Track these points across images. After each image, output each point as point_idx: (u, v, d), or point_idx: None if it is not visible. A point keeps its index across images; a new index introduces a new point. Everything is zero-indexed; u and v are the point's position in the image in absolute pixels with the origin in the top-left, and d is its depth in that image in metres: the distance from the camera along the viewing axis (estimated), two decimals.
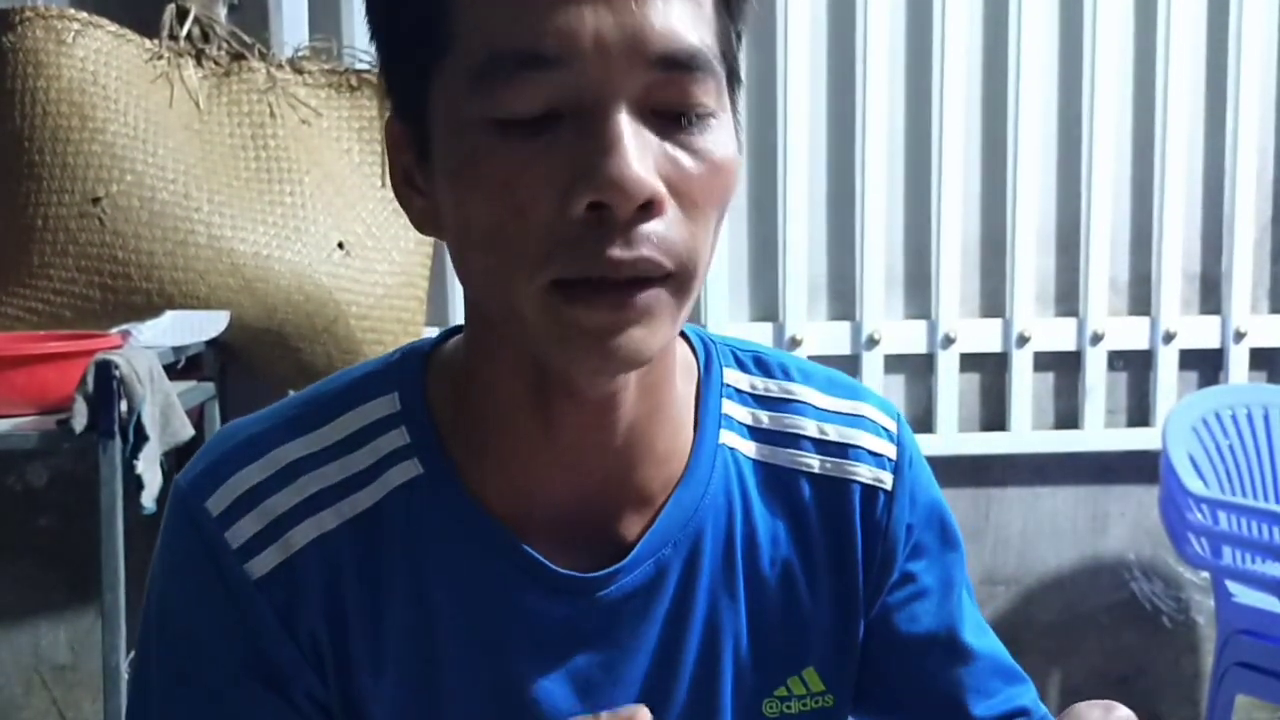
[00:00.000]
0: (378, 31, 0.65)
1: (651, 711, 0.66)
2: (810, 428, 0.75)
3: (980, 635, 0.80)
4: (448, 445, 0.69)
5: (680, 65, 0.58)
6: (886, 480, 0.75)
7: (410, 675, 0.68)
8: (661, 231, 0.58)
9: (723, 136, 0.61)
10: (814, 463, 0.74)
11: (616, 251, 0.57)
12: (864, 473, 0.75)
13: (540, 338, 0.60)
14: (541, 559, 0.68)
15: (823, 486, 0.74)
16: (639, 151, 0.57)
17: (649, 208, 0.57)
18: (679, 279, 0.60)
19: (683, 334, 0.74)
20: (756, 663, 0.73)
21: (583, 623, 0.69)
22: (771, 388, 0.76)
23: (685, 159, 0.59)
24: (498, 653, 0.69)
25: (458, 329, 0.73)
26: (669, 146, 0.59)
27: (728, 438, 0.73)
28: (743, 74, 0.68)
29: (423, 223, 0.66)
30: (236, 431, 0.70)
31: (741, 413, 0.75)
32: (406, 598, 0.68)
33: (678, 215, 0.59)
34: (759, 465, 0.74)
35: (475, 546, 0.68)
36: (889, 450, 0.76)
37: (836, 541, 0.74)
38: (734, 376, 0.75)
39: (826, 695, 0.75)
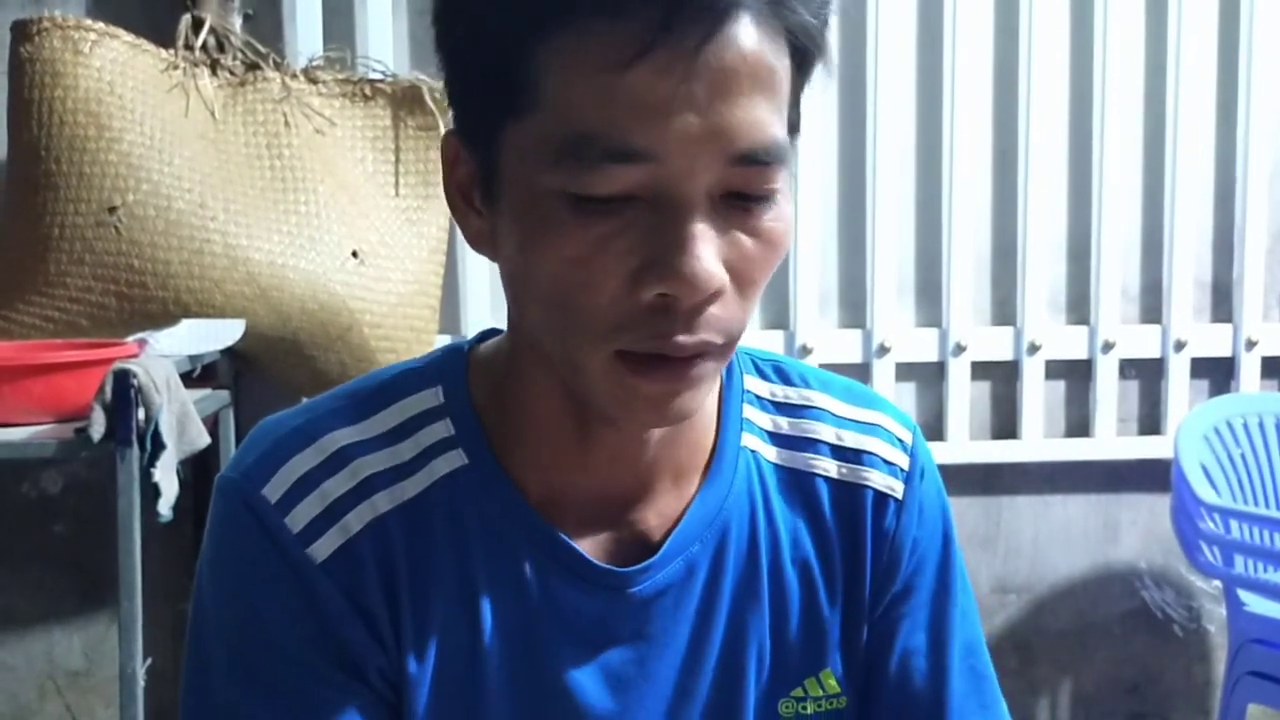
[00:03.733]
0: (449, 56, 0.65)
1: (679, 708, 0.70)
2: (828, 434, 0.77)
3: (966, 657, 0.80)
4: (490, 439, 0.71)
5: (759, 161, 0.60)
6: (898, 489, 0.77)
7: (452, 662, 0.69)
8: (720, 314, 0.62)
9: (784, 210, 0.63)
10: (831, 468, 0.77)
11: (680, 337, 0.61)
12: (877, 480, 0.77)
13: (601, 396, 0.64)
14: (578, 549, 0.70)
15: (839, 491, 0.76)
16: (710, 247, 0.59)
17: (713, 295, 0.60)
18: (727, 348, 0.64)
19: None
20: (777, 662, 0.75)
21: (616, 618, 0.71)
22: (791, 395, 0.78)
23: (747, 242, 0.62)
24: (535, 643, 0.70)
25: (493, 331, 0.76)
26: (735, 231, 0.61)
27: (749, 441, 0.76)
28: None
29: (478, 242, 0.68)
30: (279, 424, 0.72)
31: (762, 418, 0.77)
32: (451, 585, 0.69)
33: (734, 296, 0.62)
34: (779, 469, 0.76)
35: (517, 537, 0.70)
36: (902, 460, 0.78)
37: (851, 546, 0.76)
38: (755, 384, 0.78)
39: (841, 698, 0.76)
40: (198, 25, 1.90)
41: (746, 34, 0.58)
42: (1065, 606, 2.36)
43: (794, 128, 0.65)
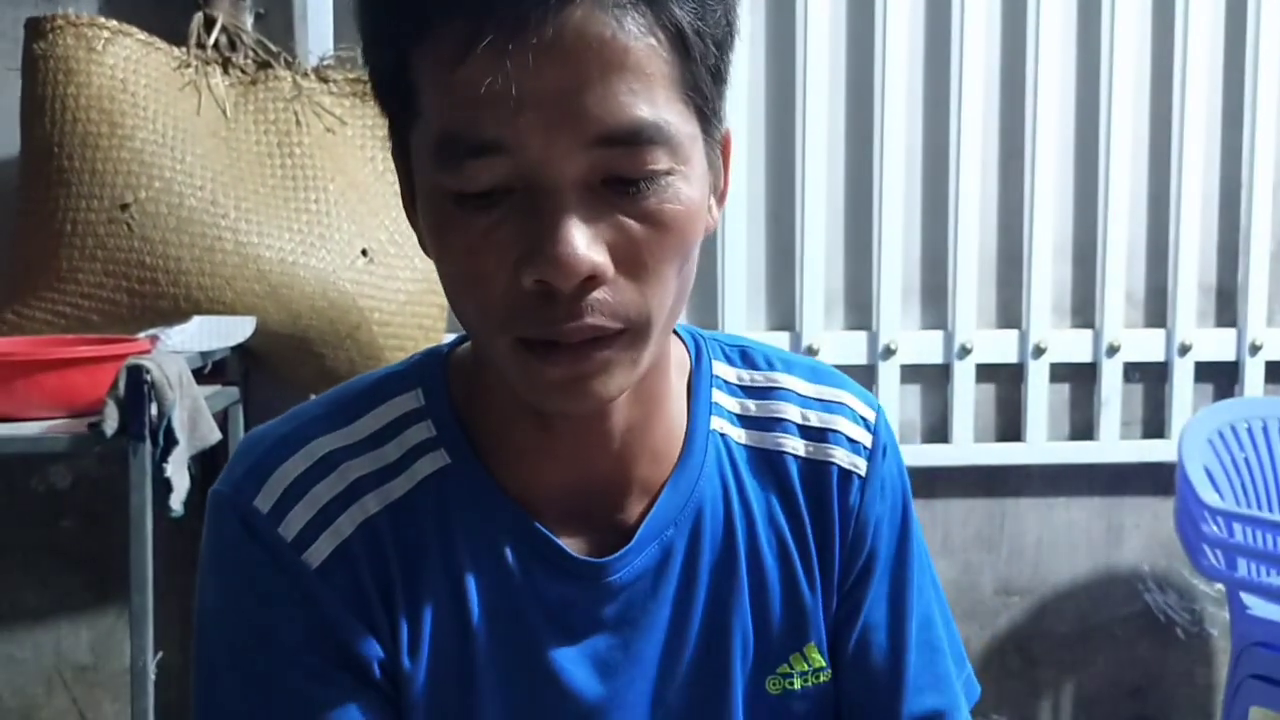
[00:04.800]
0: (369, 75, 0.68)
1: (665, 689, 0.72)
2: (794, 414, 0.79)
3: (923, 630, 0.82)
4: (470, 438, 0.73)
5: (622, 141, 0.60)
6: (861, 466, 0.79)
7: (444, 654, 0.71)
8: (606, 298, 0.62)
9: (680, 191, 0.63)
10: (799, 446, 0.79)
11: (565, 323, 0.62)
12: (841, 457, 0.79)
13: (515, 383, 0.65)
14: (557, 541, 0.72)
15: (807, 469, 0.78)
16: (579, 231, 0.60)
17: (592, 280, 0.61)
18: (633, 334, 0.64)
19: (676, 333, 0.79)
20: (760, 639, 0.76)
21: (598, 606, 0.73)
22: (757, 378, 0.80)
23: (633, 225, 0.62)
24: (523, 635, 0.72)
25: None
26: (619, 215, 0.62)
27: (718, 424, 0.78)
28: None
29: (424, 249, 0.69)
30: (264, 435, 0.73)
31: (730, 402, 0.79)
32: (440, 581, 0.71)
33: (626, 280, 0.63)
34: (749, 450, 0.78)
35: (500, 531, 0.72)
36: (865, 438, 0.80)
37: (821, 522, 0.78)
38: (722, 369, 0.80)
39: (826, 671, 0.78)
40: (210, 24, 1.91)
41: (589, 19, 0.59)
42: (1068, 609, 2.36)
43: (705, 116, 0.65)
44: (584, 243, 0.60)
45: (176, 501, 1.42)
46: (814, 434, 0.79)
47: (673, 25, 0.61)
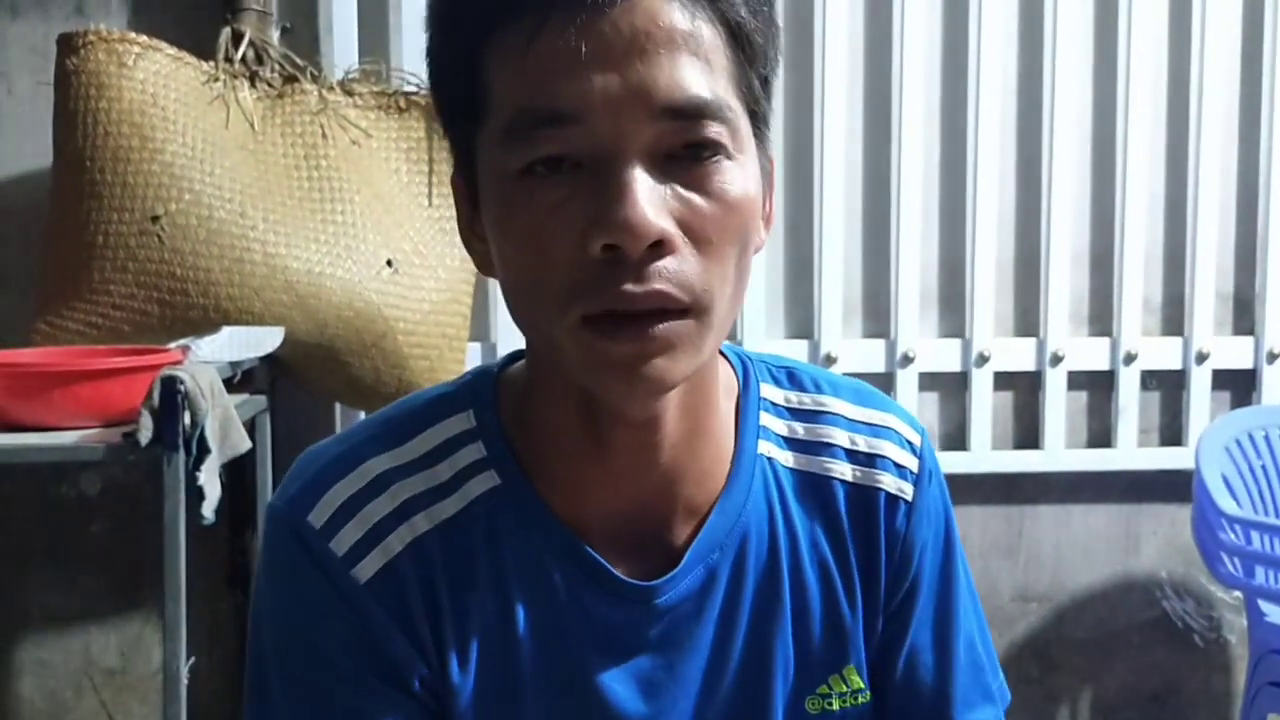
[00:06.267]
0: (436, 100, 0.71)
1: (706, 708, 0.73)
2: (841, 438, 0.80)
3: (969, 651, 0.84)
4: (519, 459, 0.74)
5: (686, 114, 0.63)
6: (908, 491, 0.80)
7: (491, 670, 0.73)
8: (673, 267, 0.63)
9: (738, 175, 0.65)
10: (846, 471, 0.79)
11: (630, 287, 0.62)
12: (889, 483, 0.80)
13: (577, 368, 0.66)
14: (606, 565, 0.73)
15: (854, 494, 0.79)
16: (647, 195, 0.62)
17: (659, 246, 0.63)
18: (696, 311, 0.65)
19: (723, 354, 0.80)
20: (801, 661, 0.78)
21: (644, 627, 0.74)
22: (805, 400, 0.81)
23: (697, 199, 0.64)
24: (569, 653, 0.73)
25: (520, 354, 0.79)
26: (681, 188, 0.64)
27: (765, 448, 0.79)
28: (779, 95, 0.72)
29: (484, 265, 0.72)
30: (320, 454, 0.75)
31: (778, 424, 0.80)
32: (488, 598, 0.73)
33: (691, 252, 0.64)
34: (795, 473, 0.79)
35: (549, 552, 0.73)
36: (912, 463, 0.81)
37: (866, 546, 0.79)
38: (770, 391, 0.81)
39: (865, 692, 0.79)
40: (237, 38, 1.94)
41: (658, 4, 0.63)
42: (1086, 615, 2.37)
43: (757, 118, 0.68)
44: (652, 208, 0.62)
45: (208, 509, 1.44)
46: (862, 459, 0.80)
47: (735, 23, 0.65)
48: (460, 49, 0.67)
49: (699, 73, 0.63)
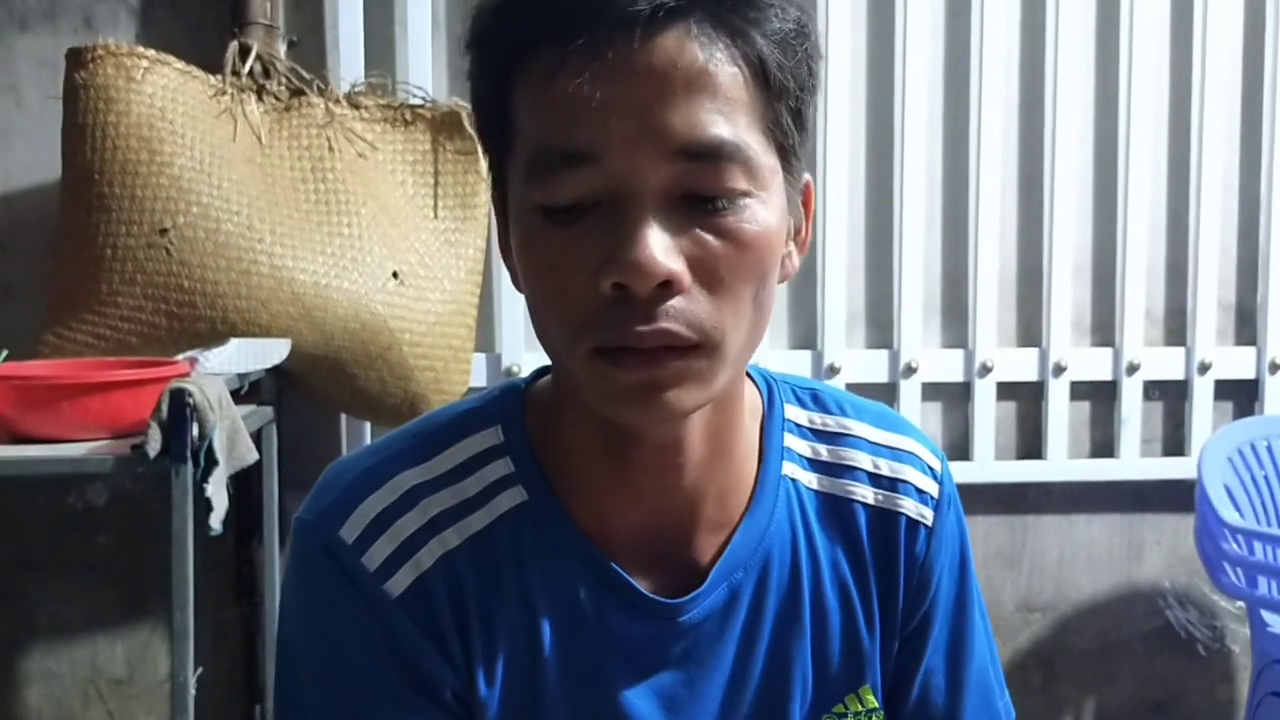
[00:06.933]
0: (474, 118, 0.73)
1: None
2: (864, 461, 0.81)
3: (981, 676, 0.85)
4: (546, 475, 0.75)
5: (703, 156, 0.64)
6: (929, 517, 0.81)
7: (517, 683, 0.74)
8: (681, 306, 0.64)
9: (758, 213, 0.66)
10: (868, 495, 0.81)
11: (639, 326, 0.64)
12: (910, 508, 0.81)
13: (591, 394, 0.67)
14: (631, 581, 0.74)
15: (875, 518, 0.80)
16: (657, 236, 0.63)
17: (668, 286, 0.64)
18: (707, 348, 0.66)
19: (749, 375, 0.80)
20: (819, 681, 0.79)
21: (667, 643, 0.75)
22: (829, 423, 0.82)
23: (710, 239, 0.65)
24: (593, 668, 0.74)
25: (547, 369, 0.80)
26: (697, 229, 0.65)
27: (789, 469, 0.80)
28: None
29: (517, 283, 0.73)
30: (349, 467, 0.76)
31: (801, 446, 0.81)
32: (515, 613, 0.74)
33: (701, 291, 0.65)
34: (818, 495, 0.80)
35: (574, 568, 0.74)
36: (932, 489, 0.82)
37: (885, 569, 0.80)
38: (794, 412, 0.82)
39: (879, 712, 0.81)
40: (244, 52, 1.95)
41: (677, 43, 0.63)
42: (1089, 625, 2.38)
43: (783, 147, 0.68)
44: (661, 249, 0.63)
45: (216, 520, 1.45)
46: (884, 483, 0.81)
47: (756, 59, 0.65)
48: (491, 74, 0.68)
49: (717, 113, 0.64)
